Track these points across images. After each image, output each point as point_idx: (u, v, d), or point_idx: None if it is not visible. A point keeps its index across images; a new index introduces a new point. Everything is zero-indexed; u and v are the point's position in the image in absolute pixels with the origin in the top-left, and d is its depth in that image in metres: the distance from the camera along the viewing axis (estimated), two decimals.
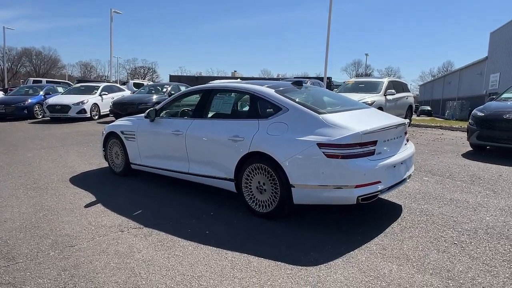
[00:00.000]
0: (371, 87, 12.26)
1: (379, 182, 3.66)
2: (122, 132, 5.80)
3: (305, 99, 4.29)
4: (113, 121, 7.87)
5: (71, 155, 7.86)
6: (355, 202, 3.58)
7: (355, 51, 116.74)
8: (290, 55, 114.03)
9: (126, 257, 3.24)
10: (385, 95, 11.67)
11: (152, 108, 5.38)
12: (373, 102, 10.63)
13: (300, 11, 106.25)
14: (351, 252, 3.28)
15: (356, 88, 12.61)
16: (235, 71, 63.64)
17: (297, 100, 4.15)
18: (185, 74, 69.60)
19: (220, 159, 4.43)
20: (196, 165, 4.76)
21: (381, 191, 3.71)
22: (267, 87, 4.45)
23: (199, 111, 4.88)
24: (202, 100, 4.94)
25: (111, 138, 6.09)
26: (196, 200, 4.75)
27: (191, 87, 5.39)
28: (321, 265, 3.05)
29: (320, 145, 3.61)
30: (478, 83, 32.68)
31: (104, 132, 6.26)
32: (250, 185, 4.17)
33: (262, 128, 4.07)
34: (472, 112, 8.07)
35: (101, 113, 15.53)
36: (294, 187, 3.77)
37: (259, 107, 4.29)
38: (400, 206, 4.44)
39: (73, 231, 3.82)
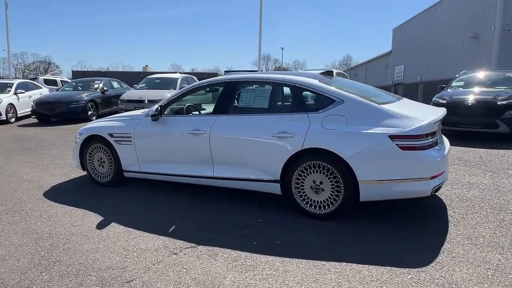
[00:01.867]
0: None
1: (443, 172, 3.61)
2: (111, 135, 4.90)
3: (351, 90, 4.04)
4: (45, 123, 6.68)
5: (20, 166, 6.49)
6: (430, 194, 3.48)
7: (267, 45, 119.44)
8: (203, 49, 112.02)
9: (214, 286, 2.67)
10: None
11: (157, 105, 4.61)
12: None
13: (213, 3, 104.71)
14: (444, 246, 3.16)
15: None
16: (146, 65, 60.33)
17: (347, 91, 3.89)
18: (89, 69, 63.75)
19: (261, 159, 3.97)
20: (223, 168, 4.21)
21: (445, 181, 3.67)
22: (307, 77, 4.11)
23: (224, 106, 4.31)
24: (225, 93, 4.37)
25: (91, 143, 5.12)
26: (228, 207, 4.21)
27: (206, 80, 4.75)
28: (432, 264, 2.87)
29: (393, 137, 3.42)
30: (384, 75, 35.99)
31: (78, 136, 5.24)
32: (302, 186, 3.81)
33: (315, 122, 3.73)
34: (433, 100, 8.68)
35: (19, 115, 13.31)
36: (361, 184, 3.52)
37: (306, 100, 3.93)
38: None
39: (114, 261, 3.05)
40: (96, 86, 13.88)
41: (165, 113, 4.67)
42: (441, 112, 3.84)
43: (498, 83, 8.76)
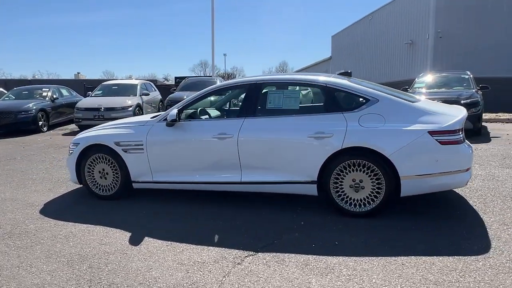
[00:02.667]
0: None
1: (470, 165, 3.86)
2: (117, 144, 4.51)
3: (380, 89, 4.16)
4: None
5: None
6: (465, 185, 3.69)
7: (201, 51, 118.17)
8: (136, 56, 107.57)
9: None
10: None
11: (174, 110, 4.33)
12: None
13: (145, 9, 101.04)
14: (490, 233, 3.37)
15: None
16: (78, 72, 56.50)
17: (379, 90, 4.00)
18: (9, 77, 57.95)
19: (296, 160, 3.92)
20: (253, 172, 4.09)
21: None
22: (335, 78, 4.15)
23: (250, 109, 4.18)
24: (249, 95, 4.24)
25: (90, 153, 4.68)
26: (262, 212, 4.09)
27: (227, 82, 4.56)
28: (492, 250, 3.04)
29: (432, 132, 3.58)
30: None
31: (74, 147, 4.76)
32: (341, 185, 3.83)
33: (352, 122, 3.78)
34: None
35: None
36: (403, 179, 3.64)
37: (339, 100, 3.97)
38: None
39: (178, 278, 2.80)
40: (44, 94, 12.73)
41: (181, 118, 4.42)
42: (464, 110, 4.09)
43: (454, 83, 9.59)
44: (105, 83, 13.77)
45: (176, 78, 21.50)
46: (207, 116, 4.91)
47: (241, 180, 4.15)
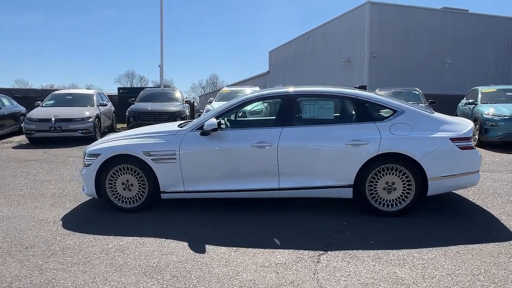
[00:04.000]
0: None
1: None
2: (146, 154, 4.42)
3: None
4: None
5: None
6: (476, 184, 4.33)
7: (127, 61, 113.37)
8: (52, 63, 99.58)
9: (400, 281, 2.86)
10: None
11: (212, 120, 4.37)
12: None
13: (66, 15, 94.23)
14: (504, 224, 4.00)
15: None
16: None
17: (403, 102, 4.51)
18: None
19: (333, 166, 4.24)
20: (291, 178, 4.32)
21: None
22: (361, 91, 4.58)
23: (287, 118, 4.42)
24: (285, 106, 4.48)
25: (112, 164, 4.51)
26: (300, 217, 4.31)
27: (261, 93, 4.70)
28: None
29: (453, 139, 4.16)
30: None
31: (93, 158, 4.53)
32: (375, 187, 4.23)
33: (384, 130, 4.22)
34: None
35: None
36: (430, 180, 4.15)
37: (370, 110, 4.39)
38: None
39: (273, 279, 2.91)
40: None
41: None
42: (470, 121, 4.74)
43: (408, 99, 10.75)
44: (56, 92, 12.82)
45: (119, 89, 20.58)
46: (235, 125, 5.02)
47: (279, 187, 4.34)
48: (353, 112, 4.52)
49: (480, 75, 22.65)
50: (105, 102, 12.70)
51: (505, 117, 8.86)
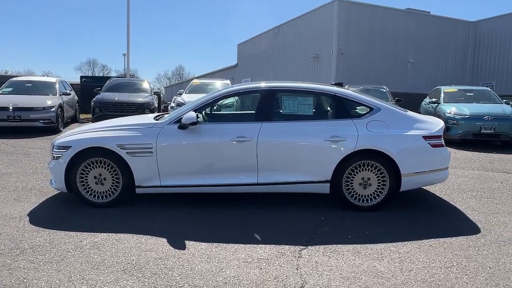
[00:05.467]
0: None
1: None
2: (121, 147, 4.26)
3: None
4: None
5: None
6: (445, 181, 4.54)
7: (88, 49, 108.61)
8: (4, 47, 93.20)
9: (382, 275, 2.95)
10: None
11: (191, 113, 4.27)
12: None
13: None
14: (475, 218, 4.23)
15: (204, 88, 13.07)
16: None
17: (377, 100, 4.62)
18: None
19: (312, 162, 4.29)
20: (269, 173, 4.33)
21: None
22: (339, 88, 4.65)
23: (266, 113, 4.40)
24: (265, 100, 4.46)
25: (84, 157, 4.32)
26: (280, 212, 4.34)
27: (242, 86, 4.62)
28: (486, 227, 3.86)
29: (425, 137, 4.32)
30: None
31: (63, 151, 4.32)
32: (352, 183, 4.33)
33: (361, 127, 4.32)
34: None
35: None
36: (403, 176, 4.30)
37: (348, 107, 4.46)
38: None
39: (257, 275, 2.91)
40: None
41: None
42: (440, 120, 4.92)
43: (375, 96, 11.05)
44: (14, 79, 12.07)
45: (82, 78, 19.71)
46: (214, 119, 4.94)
47: (257, 182, 4.34)
48: (331, 109, 4.58)
49: (440, 75, 23.76)
50: (68, 91, 12.14)
51: (466, 116, 9.33)
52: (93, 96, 12.51)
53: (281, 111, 4.55)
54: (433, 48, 23.97)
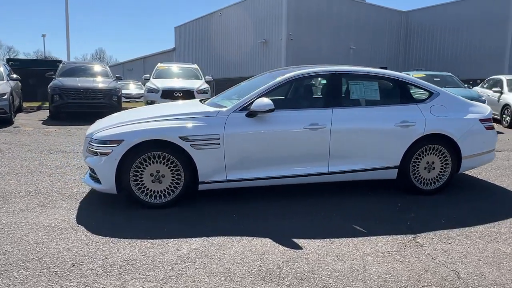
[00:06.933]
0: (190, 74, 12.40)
1: None
2: (183, 138, 3.75)
3: None
4: None
5: None
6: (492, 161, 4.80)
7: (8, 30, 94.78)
8: None
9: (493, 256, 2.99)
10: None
11: (264, 99, 3.87)
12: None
13: None
14: None
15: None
16: None
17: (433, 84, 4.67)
18: None
19: (382, 148, 4.21)
20: (340, 162, 4.16)
21: None
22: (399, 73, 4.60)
23: (336, 99, 4.18)
24: (333, 86, 4.23)
25: (137, 153, 3.73)
26: (340, 201, 4.20)
27: (305, 71, 4.24)
28: None
29: (481, 120, 4.49)
30: None
31: (112, 146, 3.68)
32: (418, 167, 4.34)
33: (425, 112, 4.33)
34: None
35: None
36: (464, 158, 4.43)
37: (411, 92, 4.43)
38: None
39: (390, 268, 2.77)
40: None
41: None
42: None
43: None
44: None
45: (9, 60, 17.20)
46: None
47: (328, 171, 4.14)
48: (395, 94, 4.52)
49: (377, 61, 25.26)
50: (14, 76, 10.51)
51: None
52: (27, 82, 11.12)
53: (349, 96, 4.37)
54: (371, 36, 25.35)
